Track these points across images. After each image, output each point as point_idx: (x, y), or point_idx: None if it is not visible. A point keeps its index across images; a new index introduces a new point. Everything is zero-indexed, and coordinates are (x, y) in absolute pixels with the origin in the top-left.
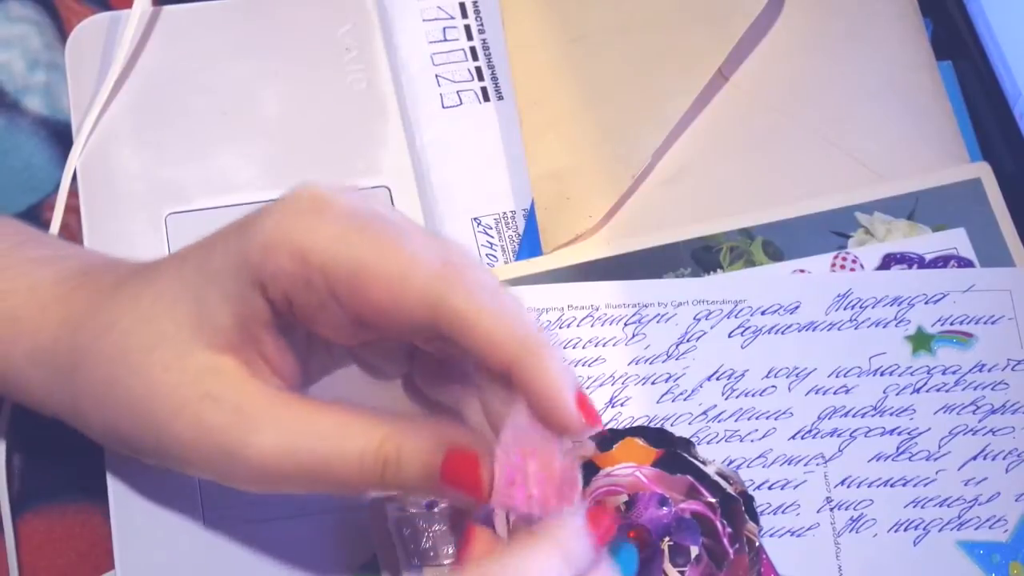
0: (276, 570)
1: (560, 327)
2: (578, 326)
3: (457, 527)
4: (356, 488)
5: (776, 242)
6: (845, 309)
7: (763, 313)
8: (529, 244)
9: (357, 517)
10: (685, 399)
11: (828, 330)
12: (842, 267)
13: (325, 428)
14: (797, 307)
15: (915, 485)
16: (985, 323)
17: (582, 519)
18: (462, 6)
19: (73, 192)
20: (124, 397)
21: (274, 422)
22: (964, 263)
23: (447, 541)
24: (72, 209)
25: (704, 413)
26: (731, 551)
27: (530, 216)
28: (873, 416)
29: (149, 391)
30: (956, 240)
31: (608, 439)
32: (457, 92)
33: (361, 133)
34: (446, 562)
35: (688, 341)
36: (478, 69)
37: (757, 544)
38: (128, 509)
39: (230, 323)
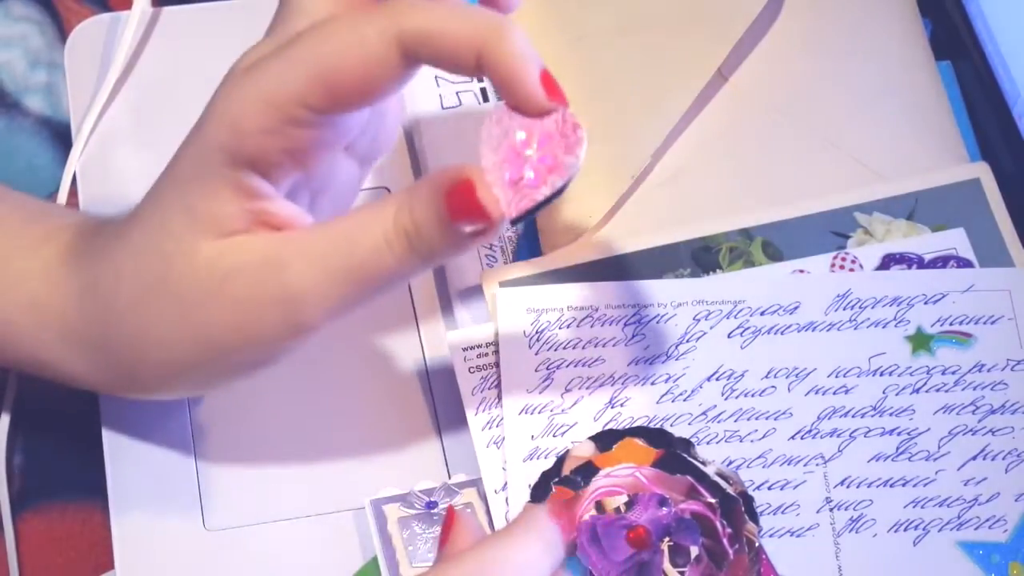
0: (276, 570)
1: (560, 327)
2: (578, 326)
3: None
4: (404, 273)
5: (776, 242)
6: (845, 309)
7: (763, 313)
8: (529, 244)
9: (357, 517)
10: (685, 399)
11: (828, 330)
12: (841, 267)
13: (347, 233)
14: (797, 307)
15: (915, 485)
16: (984, 323)
17: (547, 514)
18: None
19: (73, 192)
20: (163, 327)
21: (301, 253)
22: (963, 263)
23: None
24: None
25: (704, 413)
26: (731, 551)
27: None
28: (873, 416)
29: (179, 306)
30: (955, 240)
31: (608, 439)
32: (457, 92)
33: None
34: None
35: (688, 341)
36: None
37: (757, 544)
38: (128, 509)
39: (226, 211)
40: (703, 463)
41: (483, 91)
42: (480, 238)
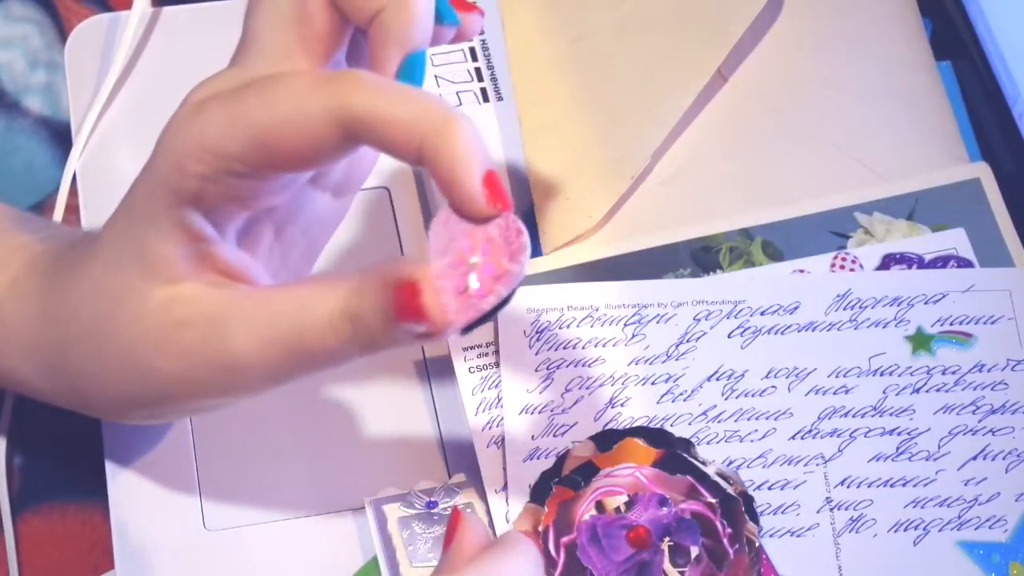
0: (276, 570)
1: (560, 327)
2: (578, 326)
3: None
4: (343, 356)
5: (776, 242)
6: (845, 309)
7: (763, 313)
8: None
9: (357, 517)
10: (685, 399)
11: (828, 330)
12: (842, 267)
13: (291, 306)
14: (797, 307)
15: (915, 485)
16: (985, 323)
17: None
18: None
19: (73, 192)
20: (112, 364)
21: (243, 319)
22: (964, 263)
23: None
24: (72, 209)
25: (704, 413)
26: (731, 551)
27: (530, 216)
28: (873, 416)
29: (129, 347)
30: (956, 240)
31: (608, 439)
32: (457, 93)
33: None
34: None
35: (688, 341)
36: (478, 70)
37: (757, 544)
38: (128, 509)
39: (175, 253)
40: (703, 463)
41: (483, 91)
42: (425, 339)
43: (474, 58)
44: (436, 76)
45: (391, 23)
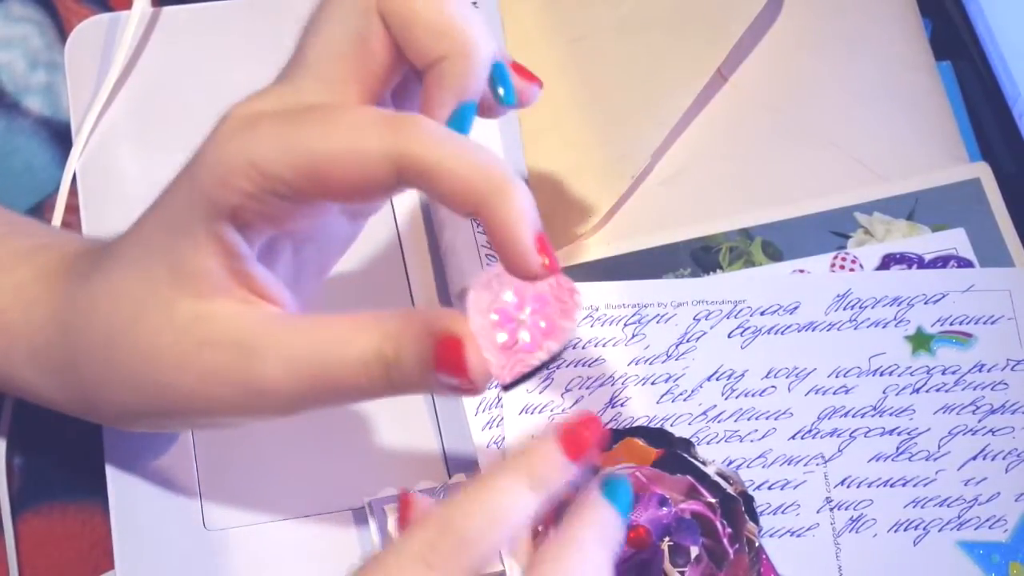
0: (276, 570)
1: None
2: (578, 326)
3: None
4: (371, 395)
5: (776, 242)
6: (845, 309)
7: (763, 313)
8: None
9: (357, 517)
10: (685, 399)
11: (828, 330)
12: (842, 267)
13: (325, 341)
14: (797, 307)
15: (915, 485)
16: (985, 323)
17: (554, 443)
18: None
19: (73, 192)
20: (126, 374)
21: (276, 347)
22: (964, 263)
23: None
24: (72, 209)
25: (704, 413)
26: (731, 551)
27: None
28: (873, 416)
29: (148, 359)
30: (956, 240)
31: (608, 439)
32: None
33: None
34: None
35: (688, 341)
36: None
37: (757, 544)
38: (128, 509)
39: (208, 267)
40: (703, 463)
41: None
42: (461, 393)
43: None
44: None
45: (452, 71)
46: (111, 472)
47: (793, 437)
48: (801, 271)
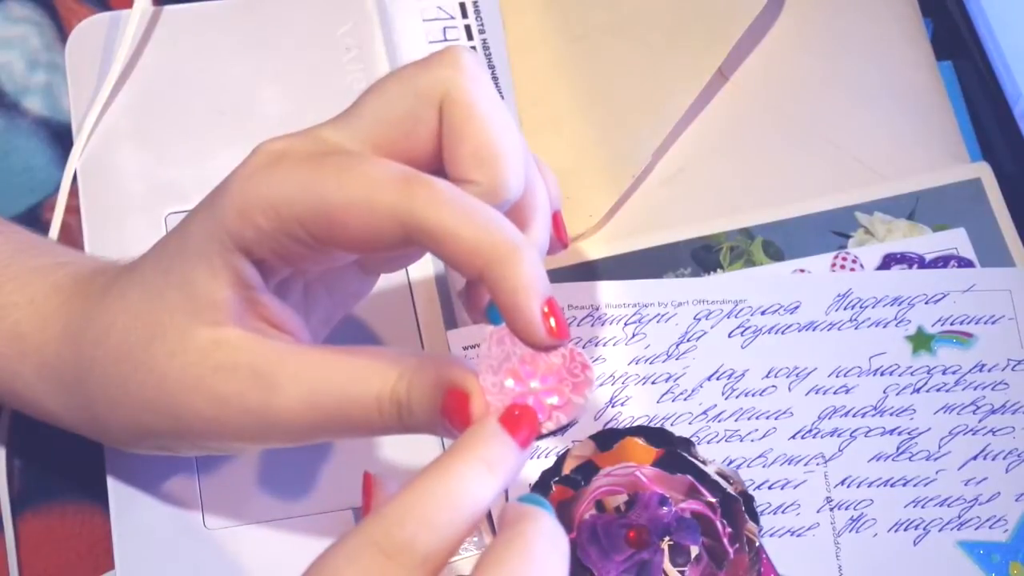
0: (276, 570)
1: None
2: (578, 326)
3: None
4: (382, 432)
5: (776, 242)
6: (845, 309)
7: (763, 313)
8: None
9: (357, 516)
10: (685, 399)
11: (828, 330)
12: (842, 267)
13: (342, 376)
14: (797, 307)
15: (915, 485)
16: (985, 323)
17: (497, 425)
18: (462, 6)
19: (73, 192)
20: (137, 393)
21: (293, 377)
22: (964, 263)
23: None
24: (72, 209)
25: (704, 413)
26: (731, 551)
27: None
28: (873, 416)
29: (161, 380)
30: (956, 240)
31: (608, 439)
32: None
33: None
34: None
35: (688, 341)
36: None
37: (757, 544)
38: (128, 509)
39: (224, 296)
40: (703, 462)
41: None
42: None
43: None
44: None
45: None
46: (111, 472)
47: (793, 437)
48: (802, 271)
